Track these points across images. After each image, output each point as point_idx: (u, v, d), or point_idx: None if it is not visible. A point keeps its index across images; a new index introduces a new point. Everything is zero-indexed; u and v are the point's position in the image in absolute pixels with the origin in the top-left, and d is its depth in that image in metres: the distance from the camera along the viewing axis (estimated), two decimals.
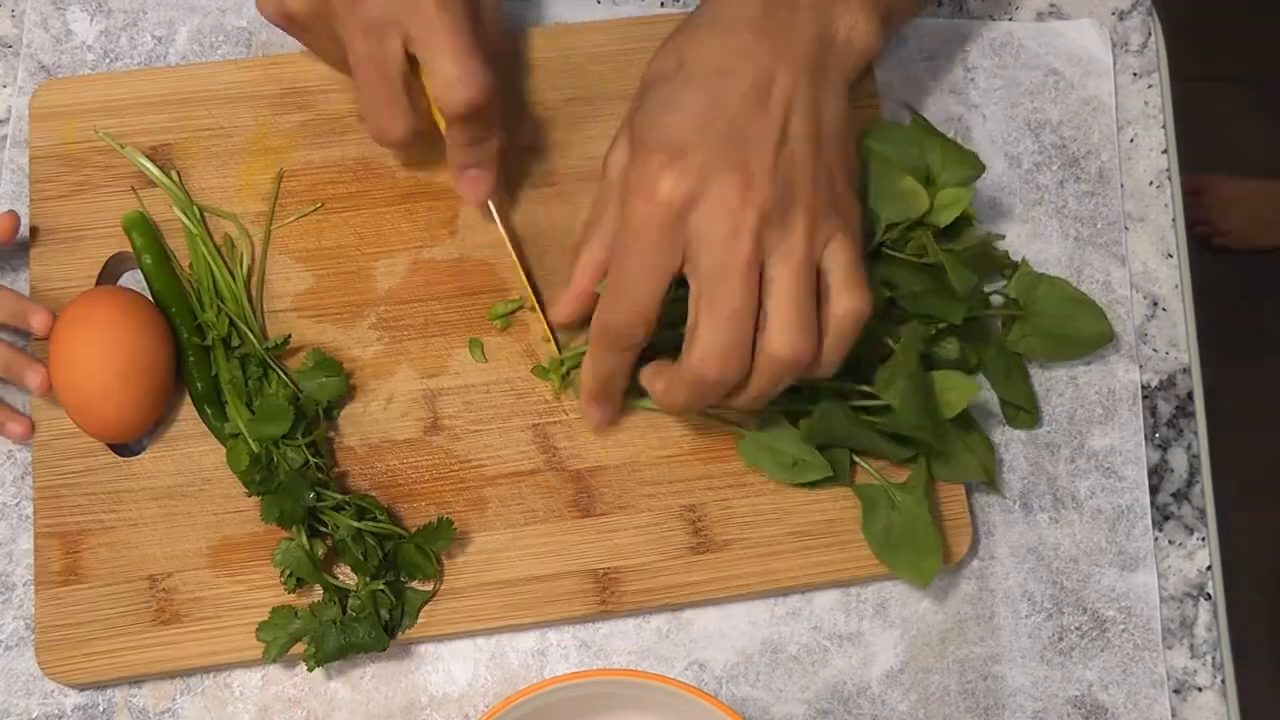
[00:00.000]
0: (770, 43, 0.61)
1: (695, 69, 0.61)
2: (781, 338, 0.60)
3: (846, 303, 0.61)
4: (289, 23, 0.68)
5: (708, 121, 0.59)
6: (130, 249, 0.71)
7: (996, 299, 0.74)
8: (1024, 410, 0.74)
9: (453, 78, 0.63)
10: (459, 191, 0.70)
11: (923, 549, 0.68)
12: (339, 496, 0.67)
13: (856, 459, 0.70)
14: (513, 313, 0.72)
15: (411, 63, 0.65)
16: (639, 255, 0.60)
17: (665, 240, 0.59)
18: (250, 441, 0.67)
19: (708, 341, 0.59)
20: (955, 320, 0.68)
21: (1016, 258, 0.76)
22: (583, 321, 0.67)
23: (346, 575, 0.68)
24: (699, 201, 0.59)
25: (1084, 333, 0.73)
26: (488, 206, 0.71)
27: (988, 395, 0.73)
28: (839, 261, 0.61)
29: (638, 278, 0.60)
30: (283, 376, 0.69)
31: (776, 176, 0.59)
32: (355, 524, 0.66)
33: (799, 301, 0.60)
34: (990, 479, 0.71)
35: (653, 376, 0.65)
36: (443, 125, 0.67)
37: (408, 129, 0.66)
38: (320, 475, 0.67)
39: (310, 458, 0.67)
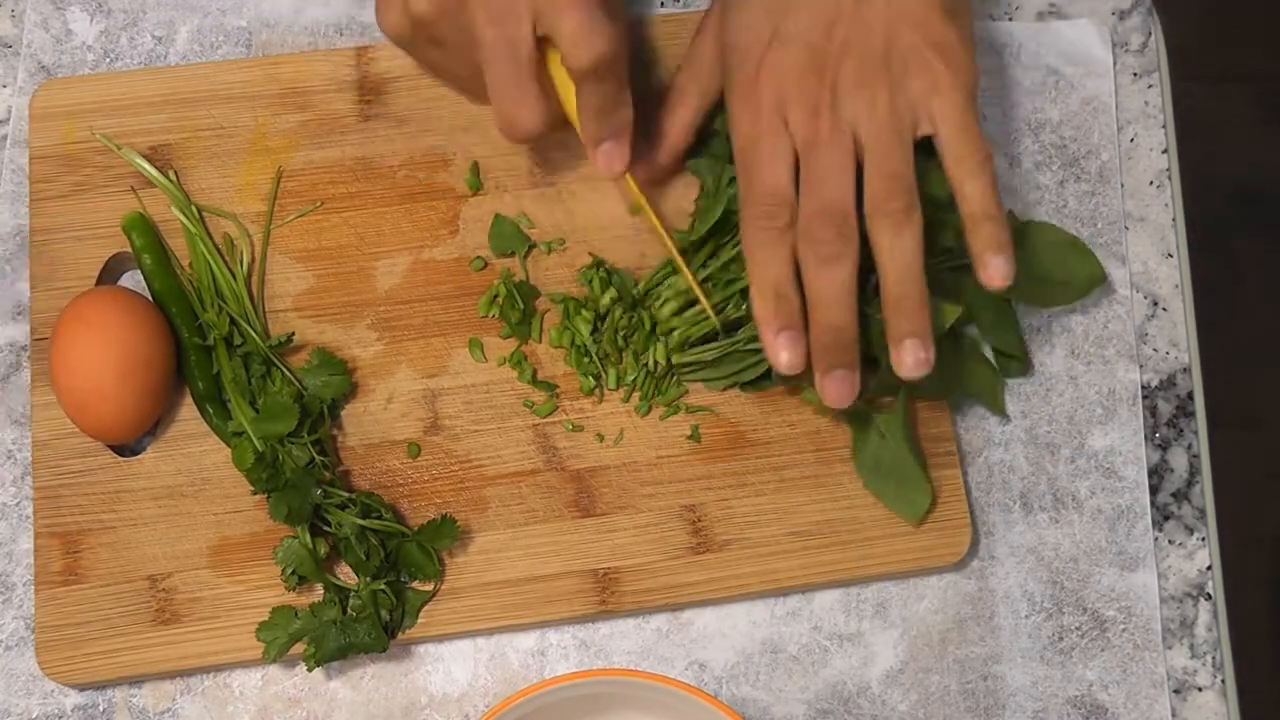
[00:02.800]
0: None
1: None
2: (871, 195, 0.64)
3: (958, 148, 0.64)
4: (416, 28, 0.66)
5: (786, 11, 0.65)
6: (130, 249, 0.71)
7: None
8: (1014, 359, 0.73)
9: (579, 32, 0.63)
10: (595, 166, 0.69)
11: (909, 481, 0.68)
12: (344, 494, 0.67)
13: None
14: (496, 298, 0.72)
15: (542, 52, 0.65)
16: (761, 148, 0.65)
17: (774, 135, 0.65)
18: (255, 440, 0.67)
19: (807, 204, 0.64)
20: (948, 242, 0.68)
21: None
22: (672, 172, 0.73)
23: (347, 576, 0.68)
24: (789, 98, 0.64)
25: (1075, 276, 0.73)
26: (624, 179, 0.70)
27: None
28: (945, 115, 0.64)
29: (767, 160, 0.65)
30: (287, 374, 0.69)
31: (848, 52, 0.64)
32: (360, 522, 0.66)
33: (881, 156, 0.64)
34: (997, 404, 0.72)
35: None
36: (573, 112, 0.67)
37: (541, 119, 0.66)
38: (326, 473, 0.67)
39: (315, 456, 0.67)
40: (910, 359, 0.64)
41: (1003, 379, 0.74)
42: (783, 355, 0.65)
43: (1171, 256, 0.78)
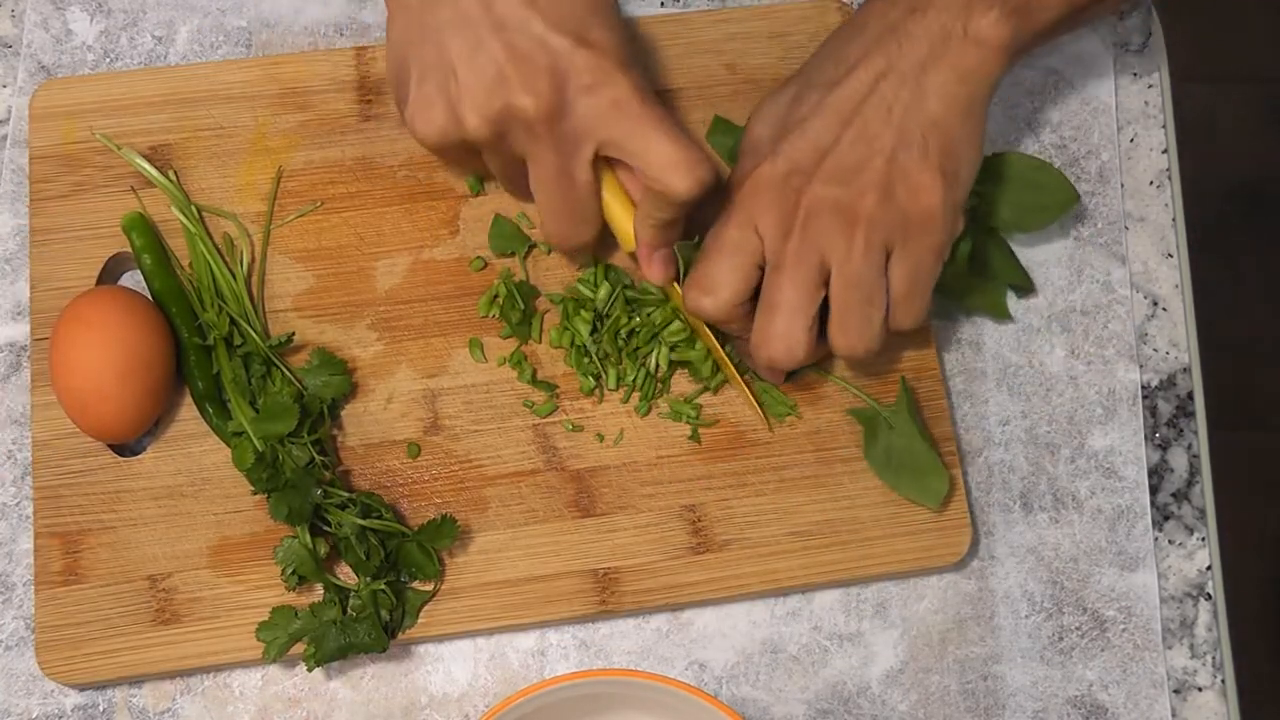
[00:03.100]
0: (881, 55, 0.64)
1: (802, 106, 0.66)
2: (838, 333, 0.66)
3: (900, 318, 0.66)
4: (461, 141, 0.64)
5: (787, 121, 0.66)
6: (130, 249, 0.71)
7: None
8: (1020, 284, 0.75)
9: (679, 161, 0.63)
10: (645, 271, 0.69)
11: (924, 468, 0.69)
12: (345, 494, 0.67)
13: (845, 383, 0.72)
14: (496, 298, 0.72)
15: (597, 171, 0.66)
16: (724, 257, 0.66)
17: (740, 224, 0.66)
18: (255, 440, 0.67)
19: (761, 323, 0.66)
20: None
21: (1017, 256, 0.76)
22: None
23: (347, 576, 0.68)
24: (761, 213, 0.65)
25: (1051, 200, 0.74)
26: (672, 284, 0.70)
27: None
28: (898, 278, 0.65)
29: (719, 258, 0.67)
30: (287, 374, 0.69)
31: (830, 187, 0.64)
32: (360, 522, 0.66)
33: (849, 293, 0.65)
34: (1002, 310, 0.75)
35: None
36: (616, 218, 0.68)
37: (594, 235, 0.68)
38: (326, 473, 0.67)
39: (315, 456, 0.67)
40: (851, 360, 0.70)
41: (1004, 286, 0.75)
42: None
43: (1171, 256, 0.78)
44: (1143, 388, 0.76)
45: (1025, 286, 0.76)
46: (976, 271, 0.73)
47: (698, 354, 0.70)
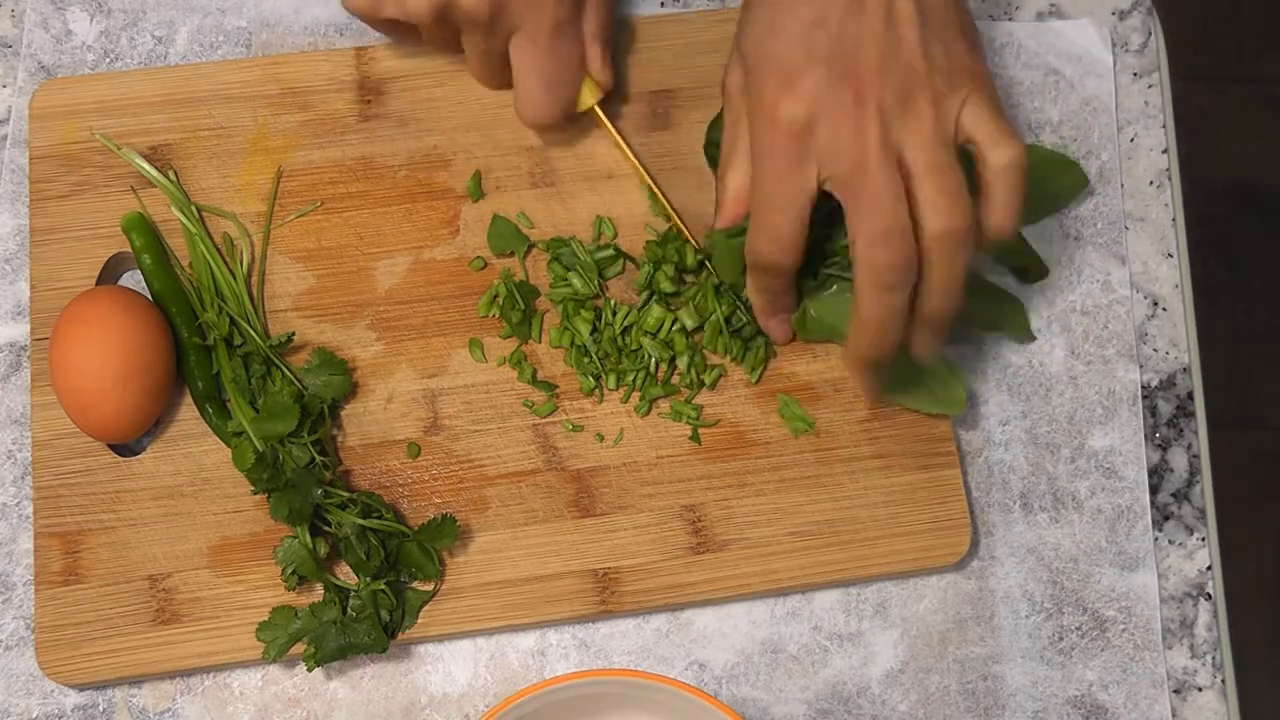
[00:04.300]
0: None
1: None
2: (933, 213, 0.60)
3: (998, 156, 0.61)
4: (391, 20, 0.70)
5: (812, 37, 0.61)
6: (130, 249, 0.71)
7: None
8: (1033, 267, 0.75)
9: (524, 100, 0.71)
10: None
11: (938, 375, 0.69)
12: (345, 494, 0.67)
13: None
14: (496, 298, 0.72)
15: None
16: (773, 181, 0.62)
17: (795, 162, 0.61)
18: (255, 440, 0.67)
19: (867, 229, 0.60)
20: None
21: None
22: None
23: (347, 576, 0.68)
24: (819, 118, 0.60)
25: (1062, 186, 0.75)
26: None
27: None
28: (979, 120, 0.61)
29: (776, 202, 0.63)
30: (287, 374, 0.69)
31: (888, 73, 0.60)
32: (361, 522, 0.66)
33: (937, 173, 0.60)
34: (1023, 329, 0.75)
35: (845, 347, 0.67)
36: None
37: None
38: (326, 473, 0.67)
39: (316, 456, 0.67)
40: (925, 350, 0.66)
41: (1023, 307, 0.75)
42: (774, 332, 0.72)
43: (1171, 256, 0.78)
44: (1143, 388, 0.76)
45: (1040, 268, 0.75)
46: (986, 292, 0.73)
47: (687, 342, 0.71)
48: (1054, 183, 0.75)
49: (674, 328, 0.71)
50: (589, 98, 0.72)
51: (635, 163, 0.73)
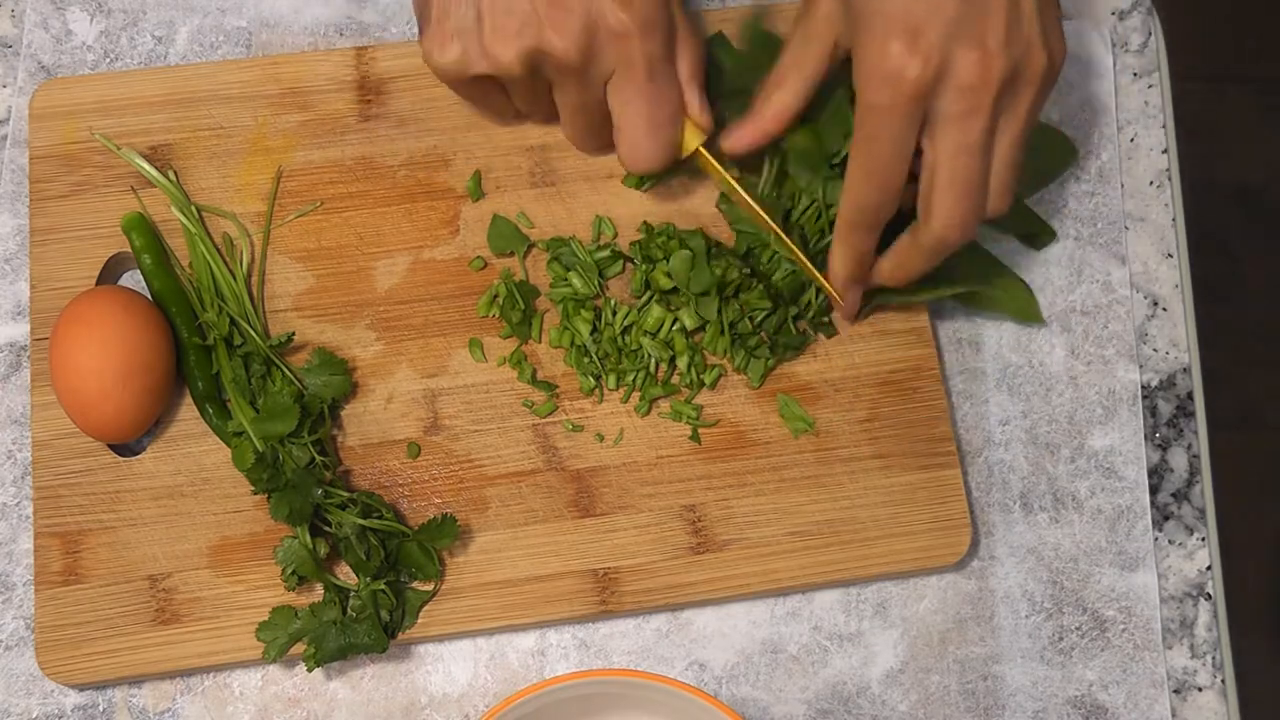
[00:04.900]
0: None
1: None
2: (996, 203, 0.63)
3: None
4: (475, 78, 0.68)
5: None
6: (130, 249, 0.71)
7: None
8: (1039, 233, 0.76)
9: (636, 146, 0.68)
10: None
11: (1015, 286, 0.73)
12: (345, 494, 0.67)
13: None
14: (496, 298, 0.72)
15: None
16: (888, 139, 0.62)
17: (912, 121, 0.61)
18: (255, 440, 0.67)
19: (951, 212, 0.63)
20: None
21: (1018, 258, 0.76)
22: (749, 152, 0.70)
23: (347, 576, 0.68)
24: (941, 81, 0.60)
25: (1051, 161, 0.76)
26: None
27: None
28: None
29: (889, 158, 0.62)
30: (287, 374, 0.69)
31: (1009, 49, 0.60)
32: (361, 522, 0.66)
33: (1012, 171, 0.63)
34: (1035, 316, 0.75)
35: (882, 260, 0.68)
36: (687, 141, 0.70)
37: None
38: (327, 473, 0.67)
39: (316, 456, 0.67)
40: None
41: (1030, 290, 0.75)
42: (850, 302, 0.71)
43: (1171, 256, 0.78)
44: (1143, 388, 0.76)
45: (1047, 234, 0.76)
46: (995, 275, 0.74)
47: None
48: (1044, 157, 0.76)
49: (674, 328, 0.71)
50: (692, 140, 0.70)
51: (755, 208, 0.71)
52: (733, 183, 0.71)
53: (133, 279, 0.73)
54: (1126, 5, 0.82)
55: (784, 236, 0.70)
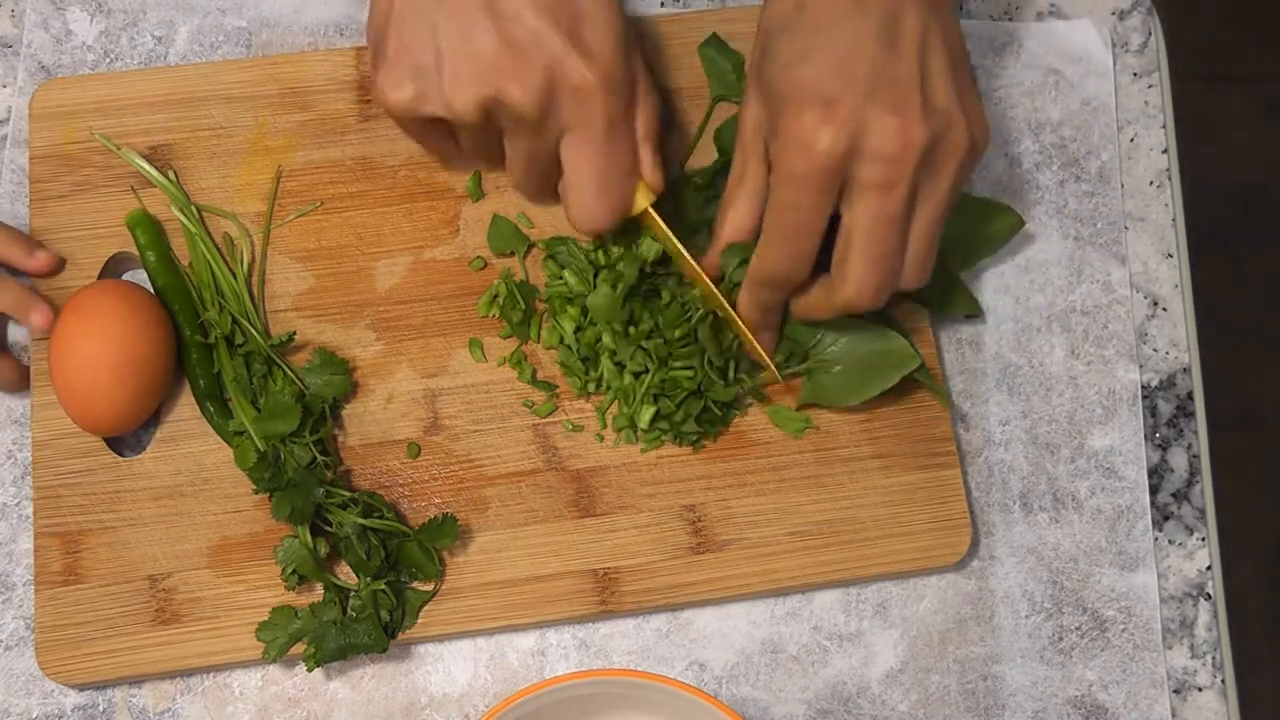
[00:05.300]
0: None
1: (819, 12, 0.61)
2: (911, 276, 0.63)
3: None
4: (426, 119, 0.66)
5: (849, 67, 0.59)
6: (130, 248, 0.72)
7: None
8: (972, 312, 0.75)
9: (584, 209, 0.67)
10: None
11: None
12: (346, 494, 0.67)
13: None
14: (496, 298, 0.72)
15: None
16: (803, 210, 0.61)
17: (826, 192, 0.60)
18: (257, 439, 0.67)
19: (865, 280, 0.62)
20: None
21: (1017, 258, 0.76)
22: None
23: (347, 576, 0.68)
24: (859, 150, 0.59)
25: (995, 229, 0.75)
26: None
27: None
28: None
29: (801, 227, 0.62)
30: (289, 374, 0.69)
31: (928, 116, 0.59)
32: (362, 521, 0.66)
33: (932, 243, 0.62)
34: (976, 311, 0.75)
35: (793, 301, 0.68)
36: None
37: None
38: (328, 473, 0.67)
39: (318, 455, 0.67)
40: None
41: (964, 284, 0.75)
42: (765, 343, 0.70)
43: (1171, 256, 0.78)
44: (1143, 388, 0.76)
45: (974, 312, 0.75)
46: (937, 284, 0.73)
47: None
48: (987, 229, 0.75)
49: (597, 344, 0.71)
50: (642, 200, 0.68)
51: (698, 271, 0.69)
52: (678, 246, 0.69)
53: (132, 279, 0.73)
54: (1126, 5, 0.82)
55: (724, 301, 0.69)
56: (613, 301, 0.69)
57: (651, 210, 0.69)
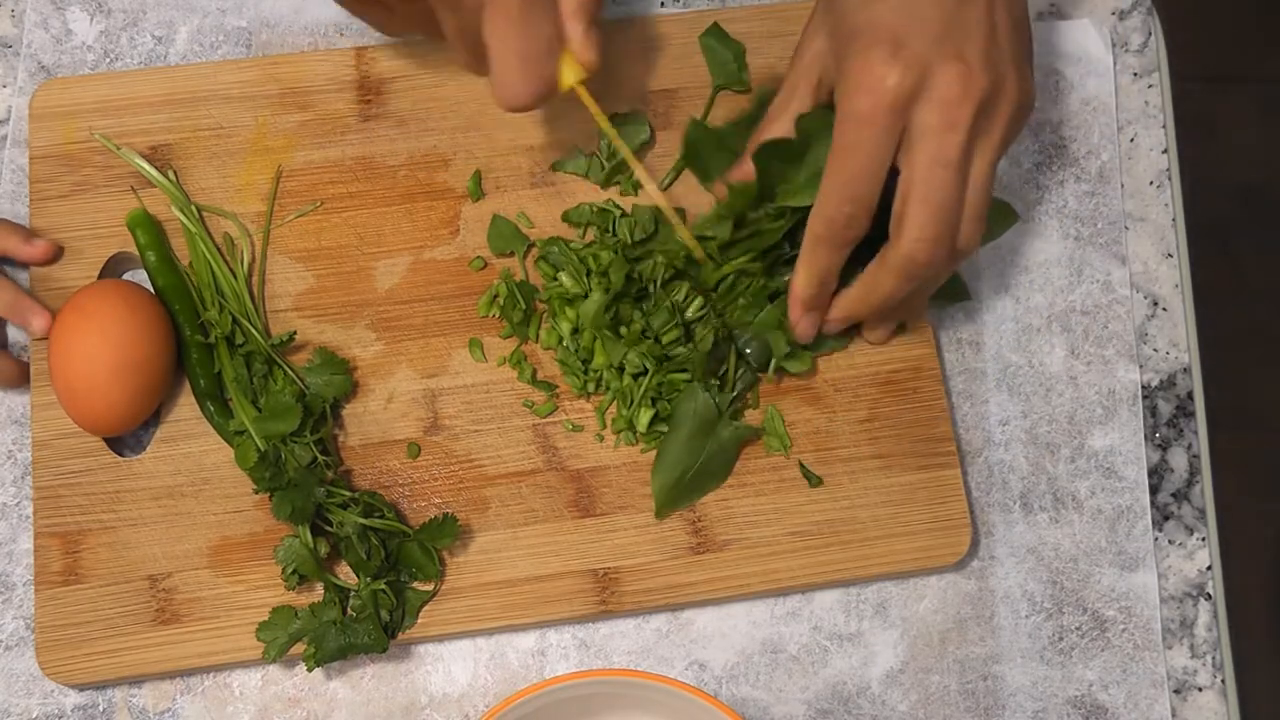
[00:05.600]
0: None
1: None
2: (969, 227, 0.62)
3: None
4: None
5: (922, 10, 0.60)
6: (130, 248, 0.72)
7: None
8: (958, 294, 0.75)
9: (501, 79, 0.63)
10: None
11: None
12: (347, 493, 0.67)
13: None
14: (496, 298, 0.72)
15: None
16: (865, 149, 0.61)
17: (890, 133, 0.60)
18: (258, 439, 0.67)
19: (924, 227, 0.61)
20: None
21: (1017, 258, 0.76)
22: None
23: (347, 576, 0.68)
24: (922, 93, 0.59)
25: (994, 224, 0.73)
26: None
27: None
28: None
29: (864, 169, 0.61)
30: (289, 373, 0.69)
31: (989, 66, 0.60)
32: (363, 521, 0.66)
33: (987, 195, 0.62)
34: (961, 292, 0.74)
35: (848, 289, 0.68)
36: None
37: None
38: (328, 473, 0.67)
39: (318, 455, 0.67)
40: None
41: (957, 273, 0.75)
42: (805, 326, 0.69)
43: (1171, 256, 0.78)
44: (1143, 388, 0.76)
45: (964, 294, 0.75)
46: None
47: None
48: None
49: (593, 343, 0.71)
50: (569, 76, 0.64)
51: (633, 161, 0.70)
52: (608, 126, 0.67)
53: (133, 279, 0.73)
54: (1126, 5, 0.82)
55: (667, 207, 0.68)
56: (597, 308, 0.69)
57: (581, 88, 0.65)
